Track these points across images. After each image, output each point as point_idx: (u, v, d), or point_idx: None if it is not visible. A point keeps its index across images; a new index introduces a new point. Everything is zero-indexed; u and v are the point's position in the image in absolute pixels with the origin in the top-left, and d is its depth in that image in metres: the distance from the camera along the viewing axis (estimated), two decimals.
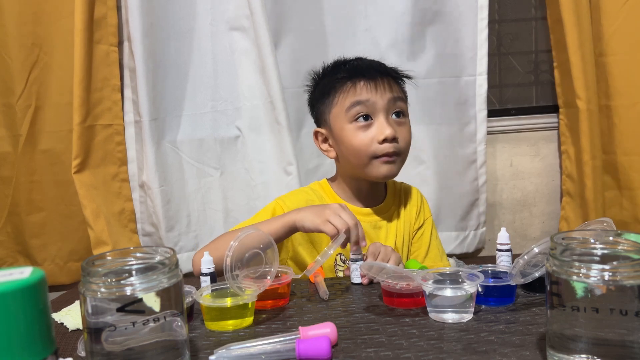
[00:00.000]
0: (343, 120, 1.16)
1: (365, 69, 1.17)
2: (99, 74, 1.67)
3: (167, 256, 0.67)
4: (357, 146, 1.15)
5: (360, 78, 1.15)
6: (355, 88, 1.15)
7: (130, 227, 1.77)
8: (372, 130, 1.14)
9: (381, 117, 1.14)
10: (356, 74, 1.16)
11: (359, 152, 1.15)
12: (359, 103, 1.14)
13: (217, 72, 1.76)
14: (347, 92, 1.15)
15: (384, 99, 1.14)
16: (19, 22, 1.67)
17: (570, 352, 0.62)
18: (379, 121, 1.14)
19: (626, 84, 1.77)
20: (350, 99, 1.15)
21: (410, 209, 1.26)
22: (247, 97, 1.75)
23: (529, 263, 0.82)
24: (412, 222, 1.26)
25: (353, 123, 1.15)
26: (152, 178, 1.70)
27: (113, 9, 1.68)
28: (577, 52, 1.70)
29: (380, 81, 1.15)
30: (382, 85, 1.15)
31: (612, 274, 0.59)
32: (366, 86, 1.14)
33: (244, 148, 1.79)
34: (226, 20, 1.73)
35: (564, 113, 1.85)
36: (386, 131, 1.12)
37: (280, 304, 0.92)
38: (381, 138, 1.12)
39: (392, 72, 1.20)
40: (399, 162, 1.17)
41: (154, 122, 1.69)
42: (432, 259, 1.24)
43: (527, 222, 1.97)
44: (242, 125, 1.78)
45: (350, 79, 1.16)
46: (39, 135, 1.73)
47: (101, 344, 0.62)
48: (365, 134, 1.14)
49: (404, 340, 0.75)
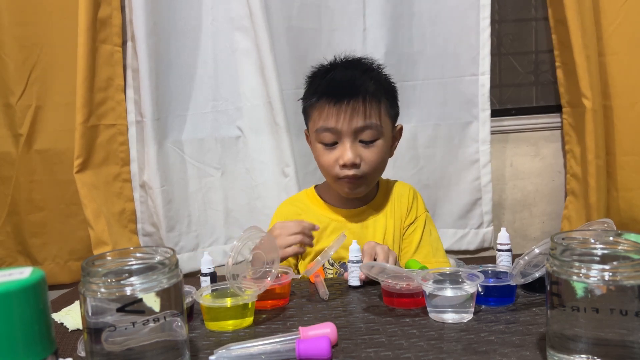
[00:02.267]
0: (314, 137, 1.19)
1: (337, 89, 1.15)
2: (103, 74, 1.68)
3: (167, 256, 0.67)
4: (322, 164, 1.19)
5: (331, 100, 1.14)
6: (328, 112, 1.14)
7: (130, 228, 1.77)
8: (335, 153, 1.16)
9: (346, 142, 1.14)
10: (327, 94, 1.15)
11: (325, 170, 1.20)
12: (326, 130, 1.15)
13: (218, 72, 1.76)
14: (320, 114, 1.16)
15: (351, 127, 1.13)
16: (19, 22, 1.67)
17: (570, 352, 0.62)
18: (343, 146, 1.15)
19: (626, 84, 1.77)
20: (320, 122, 1.16)
21: (400, 206, 1.26)
22: (248, 97, 1.76)
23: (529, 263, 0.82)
24: (402, 219, 1.25)
25: (320, 144, 1.18)
26: (153, 178, 1.70)
27: (117, 9, 1.68)
28: (582, 52, 1.70)
29: (350, 106, 1.13)
30: (352, 112, 1.13)
31: (612, 274, 0.59)
32: (334, 112, 1.13)
33: (244, 148, 1.79)
34: (227, 20, 1.73)
35: (567, 113, 1.85)
36: (346, 158, 1.13)
37: (280, 304, 0.92)
38: (341, 163, 1.14)
39: (367, 92, 1.14)
40: (365, 183, 1.19)
41: (155, 122, 1.69)
42: (423, 255, 1.23)
43: (527, 222, 1.97)
44: (243, 126, 1.78)
45: (327, 98, 1.15)
46: (39, 135, 1.73)
47: (101, 344, 0.62)
48: (330, 155, 1.17)
49: (404, 340, 0.75)
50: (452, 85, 1.80)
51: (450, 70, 1.80)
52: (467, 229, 1.87)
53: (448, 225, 1.87)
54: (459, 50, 1.79)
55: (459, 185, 1.85)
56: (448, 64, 1.80)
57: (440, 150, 1.84)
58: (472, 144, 1.83)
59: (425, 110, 1.81)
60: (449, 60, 1.79)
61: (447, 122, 1.82)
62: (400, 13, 1.76)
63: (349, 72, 1.19)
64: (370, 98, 1.14)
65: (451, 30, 1.78)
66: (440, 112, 1.82)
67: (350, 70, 1.20)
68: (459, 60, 1.79)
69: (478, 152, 1.82)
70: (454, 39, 1.78)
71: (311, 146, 1.24)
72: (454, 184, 1.85)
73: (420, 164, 1.84)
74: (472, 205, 1.86)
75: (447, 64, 1.80)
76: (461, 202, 1.85)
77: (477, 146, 1.82)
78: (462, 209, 1.86)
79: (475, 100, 1.80)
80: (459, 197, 1.85)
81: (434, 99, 1.81)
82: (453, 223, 1.87)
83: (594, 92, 1.72)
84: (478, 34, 1.77)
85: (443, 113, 1.82)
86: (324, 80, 1.19)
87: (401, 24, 1.76)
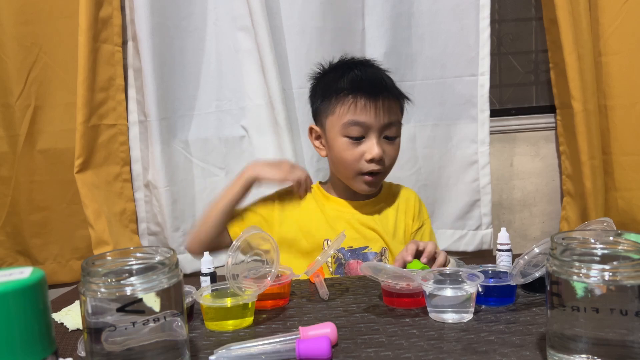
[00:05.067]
0: (337, 131, 1.18)
1: (367, 85, 1.17)
2: (103, 74, 1.68)
3: (167, 256, 0.67)
4: (345, 160, 1.18)
5: (362, 95, 1.16)
6: (356, 106, 1.16)
7: (131, 228, 1.77)
8: (362, 148, 1.17)
9: (373, 138, 1.16)
10: (359, 89, 1.17)
11: (346, 166, 1.19)
12: (356, 124, 1.16)
13: (222, 72, 1.76)
14: (347, 108, 1.16)
15: (380, 123, 1.16)
16: (18, 22, 1.67)
17: (570, 352, 0.62)
18: (370, 141, 1.16)
19: (626, 84, 1.77)
20: (348, 117, 1.16)
21: (407, 209, 1.28)
22: (251, 97, 1.76)
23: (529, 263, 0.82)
24: (410, 222, 1.28)
25: (346, 137, 1.17)
26: (158, 178, 1.70)
27: (118, 9, 1.68)
28: (573, 53, 1.70)
29: (380, 102, 1.16)
30: (382, 108, 1.16)
31: (612, 274, 0.59)
32: (366, 107, 1.15)
33: (248, 148, 1.79)
34: (230, 20, 1.73)
35: (560, 114, 1.86)
36: (374, 152, 1.15)
37: (280, 304, 0.92)
38: (369, 158, 1.16)
39: (393, 90, 1.20)
40: (381, 177, 1.22)
41: (160, 122, 1.69)
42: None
43: (527, 222, 1.97)
44: (247, 125, 1.78)
45: (352, 93, 1.16)
46: (39, 135, 1.73)
47: (101, 344, 0.62)
48: (355, 150, 1.17)
49: (404, 340, 0.75)
50: (451, 85, 1.80)
51: (450, 70, 1.79)
52: (465, 230, 1.87)
53: (446, 225, 1.87)
54: (459, 50, 1.78)
55: (458, 186, 1.84)
56: (447, 64, 1.79)
57: (439, 151, 1.83)
58: (471, 145, 1.82)
59: (424, 111, 1.81)
60: (448, 60, 1.79)
61: (446, 122, 1.82)
62: (400, 13, 1.75)
63: (373, 71, 1.23)
64: (396, 96, 1.20)
65: (450, 30, 1.77)
66: (439, 112, 1.82)
67: (371, 68, 1.24)
68: (459, 61, 1.79)
69: (477, 153, 1.82)
70: (453, 39, 1.78)
71: (324, 142, 1.24)
72: (452, 185, 1.84)
73: (418, 164, 1.84)
74: (471, 207, 1.85)
75: (446, 64, 1.79)
76: (459, 203, 1.85)
77: (476, 147, 1.82)
78: (461, 210, 1.85)
79: (475, 100, 1.80)
80: (457, 198, 1.85)
81: (432, 99, 1.81)
82: (451, 224, 1.87)
83: (587, 93, 1.72)
84: (477, 34, 1.77)
85: (442, 113, 1.82)
86: (350, 76, 1.20)
87: (400, 24, 1.76)
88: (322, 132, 1.24)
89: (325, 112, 1.21)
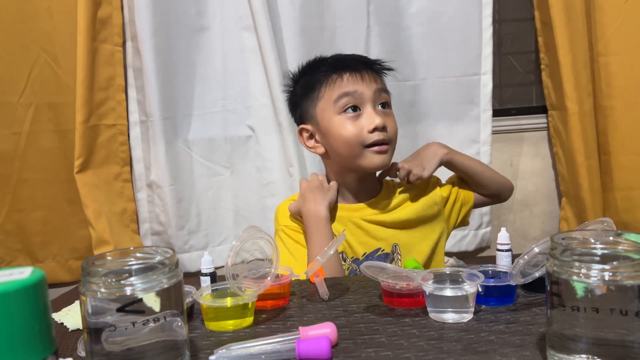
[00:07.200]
0: (331, 112, 1.17)
1: (349, 61, 1.19)
2: (103, 74, 1.68)
3: (167, 256, 0.67)
4: (347, 137, 1.15)
5: (345, 70, 1.17)
6: (342, 79, 1.16)
7: (132, 228, 1.77)
8: (361, 121, 1.15)
9: (369, 108, 1.15)
10: (341, 66, 1.18)
11: (350, 143, 1.15)
12: (347, 94, 1.15)
13: (227, 71, 1.76)
14: (333, 84, 1.17)
15: (371, 90, 1.16)
16: (19, 19, 1.67)
17: (570, 352, 0.62)
18: (367, 111, 1.15)
19: (626, 84, 1.77)
20: (337, 91, 1.16)
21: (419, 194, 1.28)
22: (257, 97, 1.76)
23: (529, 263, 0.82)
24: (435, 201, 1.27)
25: (342, 114, 1.16)
26: (162, 177, 1.70)
27: (118, 9, 1.68)
28: (568, 54, 1.70)
29: (365, 73, 1.17)
30: (368, 77, 1.17)
31: (613, 274, 0.59)
32: (352, 77, 1.16)
33: (254, 147, 1.80)
34: (235, 19, 1.73)
35: (552, 115, 1.86)
36: (376, 120, 1.14)
37: (280, 304, 0.92)
38: (371, 127, 1.14)
39: (374, 64, 1.21)
40: (390, 151, 1.19)
41: (163, 121, 1.69)
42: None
43: (528, 222, 1.97)
44: (253, 124, 1.79)
45: (336, 72, 1.17)
46: (40, 134, 1.73)
47: (101, 344, 0.62)
48: (355, 125, 1.15)
49: (404, 340, 0.75)
50: (454, 85, 1.80)
51: (452, 69, 1.79)
52: (467, 230, 1.87)
53: None
54: (461, 49, 1.78)
55: None
56: (450, 63, 1.79)
57: None
58: (472, 145, 1.82)
59: (425, 110, 1.81)
60: (450, 59, 1.79)
61: (448, 122, 1.82)
62: (402, 11, 1.75)
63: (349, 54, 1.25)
64: (378, 69, 1.21)
65: (453, 29, 1.77)
66: (441, 112, 1.81)
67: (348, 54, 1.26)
68: (461, 60, 1.79)
69: (479, 153, 1.82)
70: (455, 38, 1.78)
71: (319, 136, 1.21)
72: None
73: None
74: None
75: (448, 63, 1.79)
76: None
77: (478, 147, 1.82)
78: None
79: (477, 100, 1.80)
80: None
81: (435, 98, 1.80)
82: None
83: (582, 93, 1.72)
84: (480, 33, 1.77)
85: (444, 113, 1.81)
86: (329, 60, 1.22)
87: (403, 23, 1.76)
88: (314, 128, 1.21)
89: (312, 103, 1.20)
